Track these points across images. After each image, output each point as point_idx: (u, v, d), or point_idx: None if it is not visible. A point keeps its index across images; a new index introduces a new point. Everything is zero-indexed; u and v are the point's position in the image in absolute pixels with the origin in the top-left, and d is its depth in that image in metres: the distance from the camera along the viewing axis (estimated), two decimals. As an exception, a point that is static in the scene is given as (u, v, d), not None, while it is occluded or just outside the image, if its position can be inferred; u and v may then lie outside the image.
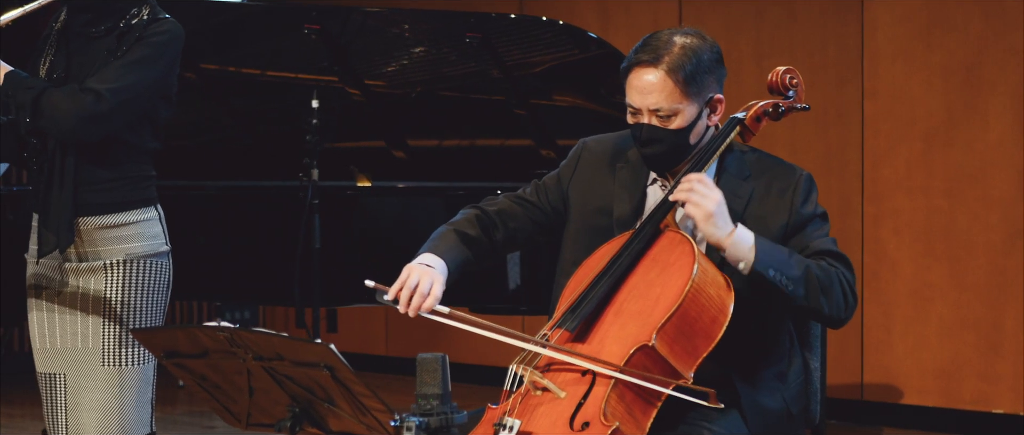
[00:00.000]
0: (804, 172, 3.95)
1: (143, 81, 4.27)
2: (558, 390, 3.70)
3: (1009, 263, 7.45)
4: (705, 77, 3.87)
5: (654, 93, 3.84)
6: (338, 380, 3.25)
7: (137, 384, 4.41)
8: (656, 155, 3.90)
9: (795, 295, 3.74)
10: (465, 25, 6.21)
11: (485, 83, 6.52)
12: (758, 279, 3.73)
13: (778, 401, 3.93)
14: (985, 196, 7.52)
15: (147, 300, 4.40)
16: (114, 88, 4.21)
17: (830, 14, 7.95)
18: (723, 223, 3.76)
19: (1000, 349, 7.50)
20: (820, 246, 3.86)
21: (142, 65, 4.26)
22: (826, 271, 3.78)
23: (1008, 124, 7.44)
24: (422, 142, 6.76)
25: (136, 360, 4.40)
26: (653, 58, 3.85)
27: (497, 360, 4.27)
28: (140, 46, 4.27)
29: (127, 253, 4.38)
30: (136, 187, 4.40)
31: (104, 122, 4.24)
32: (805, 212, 3.89)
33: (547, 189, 4.14)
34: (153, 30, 4.29)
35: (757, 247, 3.73)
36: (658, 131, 3.87)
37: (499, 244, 4.11)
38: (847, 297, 3.79)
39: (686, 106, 3.85)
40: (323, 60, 6.38)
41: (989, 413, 7.56)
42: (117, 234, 4.37)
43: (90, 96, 4.20)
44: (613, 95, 6.51)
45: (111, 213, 4.37)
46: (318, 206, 5.87)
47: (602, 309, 3.81)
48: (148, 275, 4.41)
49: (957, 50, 7.57)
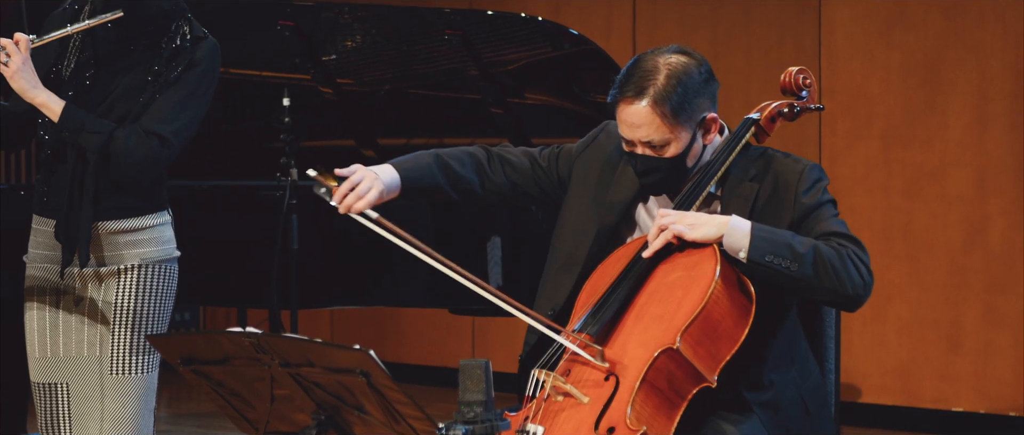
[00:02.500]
0: (809, 163, 3.86)
1: (199, 116, 4.23)
2: (581, 395, 3.62)
3: (968, 262, 7.46)
4: (694, 101, 3.75)
5: (643, 127, 3.74)
6: (374, 387, 3.15)
7: (144, 393, 4.30)
8: (655, 183, 3.84)
9: (803, 276, 3.64)
10: (444, 22, 6.13)
11: (461, 81, 6.44)
12: (758, 270, 3.66)
13: (796, 402, 3.87)
14: (944, 195, 7.53)
15: (157, 306, 4.30)
16: (177, 130, 4.16)
17: (787, 12, 7.93)
18: (706, 221, 3.70)
19: (960, 347, 7.51)
20: (826, 228, 3.76)
21: (196, 99, 4.20)
22: (836, 250, 3.68)
23: (967, 122, 7.45)
24: (394, 141, 6.67)
25: (143, 368, 4.29)
26: (637, 92, 3.73)
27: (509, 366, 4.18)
28: (191, 76, 4.18)
29: (142, 258, 4.27)
30: (151, 191, 4.30)
31: (165, 164, 4.21)
32: (809, 201, 3.80)
33: (560, 159, 4.05)
34: (199, 56, 4.20)
35: (753, 234, 3.66)
36: (653, 161, 3.79)
37: (493, 187, 4.01)
38: (863, 275, 3.69)
39: (678, 134, 3.75)
40: (295, 57, 6.27)
41: (948, 411, 7.57)
42: (133, 239, 4.26)
43: (156, 141, 4.13)
44: (588, 93, 6.44)
45: (128, 217, 4.27)
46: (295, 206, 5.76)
47: (623, 313, 3.74)
48: (160, 280, 4.30)
49: (916, 48, 7.57)
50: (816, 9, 7.84)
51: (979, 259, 7.45)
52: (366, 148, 6.59)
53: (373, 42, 6.41)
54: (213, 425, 8.17)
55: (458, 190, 3.98)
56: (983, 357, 7.47)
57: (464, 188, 3.99)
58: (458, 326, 9.14)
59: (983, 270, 7.44)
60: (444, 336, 9.19)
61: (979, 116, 7.42)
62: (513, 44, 6.31)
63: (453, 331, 9.17)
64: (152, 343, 3.54)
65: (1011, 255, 7.36)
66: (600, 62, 6.25)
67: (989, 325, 7.44)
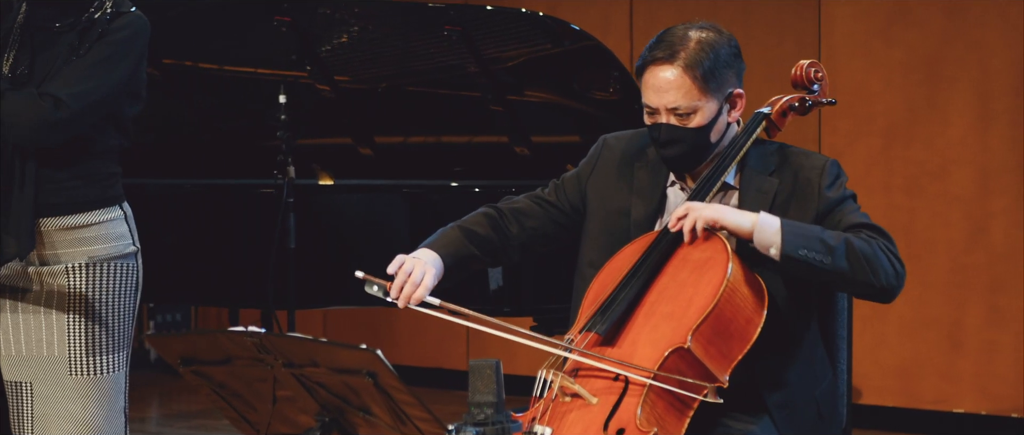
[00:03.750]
0: (828, 158, 3.82)
1: (106, 83, 4.04)
2: (589, 396, 3.55)
3: (970, 261, 7.40)
4: (724, 72, 3.74)
5: (672, 91, 3.69)
6: (380, 388, 3.07)
7: (108, 393, 4.18)
8: (676, 156, 3.76)
9: (837, 269, 3.58)
10: (443, 18, 6.05)
11: (460, 78, 6.38)
12: (792, 265, 3.59)
13: (810, 403, 3.81)
14: (946, 193, 7.47)
15: (114, 304, 4.17)
16: (75, 93, 3.98)
17: (787, 9, 7.87)
18: (740, 214, 3.64)
19: (961, 348, 7.45)
20: (853, 220, 3.71)
21: (105, 65, 4.03)
22: (868, 241, 3.63)
23: (969, 121, 7.39)
24: (392, 139, 6.59)
25: (106, 368, 4.17)
26: (669, 54, 3.70)
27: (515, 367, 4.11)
28: (103, 45, 4.04)
29: (90, 255, 4.14)
30: (98, 186, 4.15)
31: (65, 128, 4.01)
32: (832, 196, 3.75)
33: (566, 188, 3.98)
34: (116, 26, 4.05)
35: (784, 229, 3.60)
36: (677, 131, 3.72)
37: (516, 242, 3.95)
38: (896, 266, 3.64)
39: (705, 103, 3.71)
40: (292, 54, 6.20)
41: (950, 413, 7.51)
42: (79, 236, 4.13)
43: (49, 102, 3.97)
44: (588, 90, 6.37)
45: (72, 214, 4.12)
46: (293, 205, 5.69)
47: (631, 311, 3.66)
48: (113, 278, 4.17)
49: (917, 46, 7.50)
50: (816, 7, 7.78)
51: (981, 258, 7.38)
52: (363, 146, 6.52)
53: (370, 38, 6.34)
54: (205, 425, 8.12)
55: (488, 253, 3.94)
56: (985, 357, 7.40)
57: (492, 250, 3.94)
58: (452, 327, 9.01)
59: (985, 269, 7.38)
60: (438, 337, 9.12)
61: (981, 114, 7.35)
62: (513, 40, 6.24)
63: (447, 332, 9.10)
64: (151, 344, 3.46)
65: (1013, 254, 7.30)
66: (601, 58, 6.17)
67: (991, 325, 7.37)
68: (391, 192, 6.05)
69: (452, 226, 3.95)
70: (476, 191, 5.97)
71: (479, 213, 3.97)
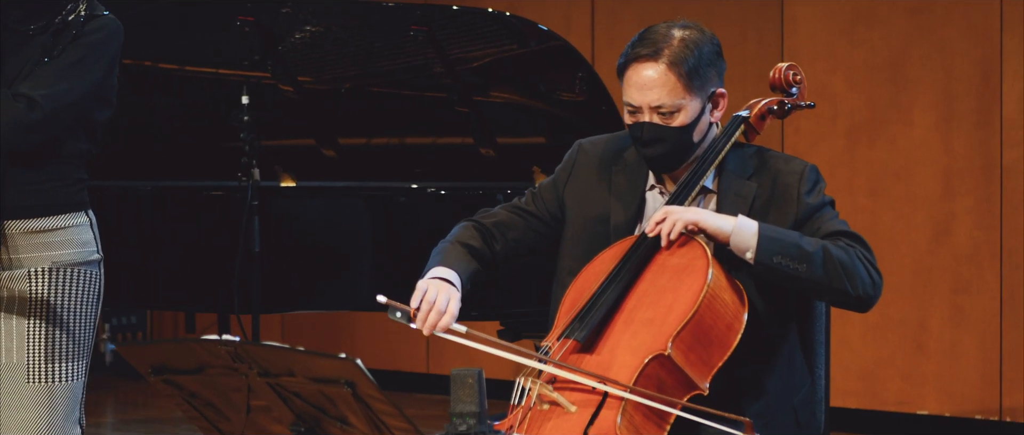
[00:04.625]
0: (808, 163, 3.79)
1: (80, 86, 3.98)
2: (568, 405, 3.49)
3: (934, 262, 7.38)
4: (707, 70, 3.69)
5: (655, 89, 3.64)
6: (359, 397, 3.02)
7: (66, 403, 4.09)
8: (659, 156, 3.70)
9: (813, 276, 3.55)
10: (410, 18, 5.99)
11: (425, 78, 6.31)
12: (767, 271, 3.55)
13: (788, 411, 3.77)
14: (909, 194, 7.45)
15: (76, 312, 4.08)
16: (48, 94, 3.92)
17: (750, 9, 7.83)
18: (717, 218, 3.60)
19: (925, 349, 7.43)
20: (831, 228, 3.69)
21: (78, 68, 3.98)
22: (845, 249, 3.60)
23: (933, 121, 7.37)
24: (356, 140, 6.52)
25: (65, 376, 4.08)
26: (653, 52, 3.65)
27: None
28: (76, 47, 3.98)
29: (54, 261, 4.05)
30: (66, 190, 4.08)
31: (38, 130, 3.95)
32: (812, 201, 3.72)
33: (543, 196, 3.91)
34: (90, 28, 4.00)
35: (760, 234, 3.56)
36: (660, 130, 3.67)
37: (500, 256, 3.87)
38: (872, 275, 3.62)
39: (689, 101, 3.66)
40: (255, 54, 6.12)
41: (913, 414, 7.49)
42: (44, 240, 4.05)
43: (23, 103, 3.91)
44: (555, 92, 6.31)
45: (38, 217, 4.04)
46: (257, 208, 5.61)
47: (610, 317, 3.60)
48: (77, 285, 4.08)
49: (881, 46, 7.48)
50: (779, 6, 7.74)
51: (945, 259, 7.37)
52: (327, 147, 6.44)
53: (334, 38, 6.27)
54: (162, 431, 8.02)
55: (486, 267, 3.86)
56: (949, 359, 7.39)
57: (487, 263, 3.86)
58: (412, 330, 8.97)
59: (949, 270, 7.36)
60: (398, 340, 9.05)
61: (945, 114, 7.34)
62: (480, 40, 6.18)
63: (408, 335, 8.95)
64: (121, 352, 3.37)
65: (977, 255, 7.28)
66: (569, 59, 6.12)
67: (955, 326, 7.36)
68: (356, 194, 5.98)
69: (451, 243, 3.85)
70: (442, 193, 5.91)
71: (467, 227, 3.88)
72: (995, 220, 7.25)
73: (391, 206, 5.88)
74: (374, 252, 5.84)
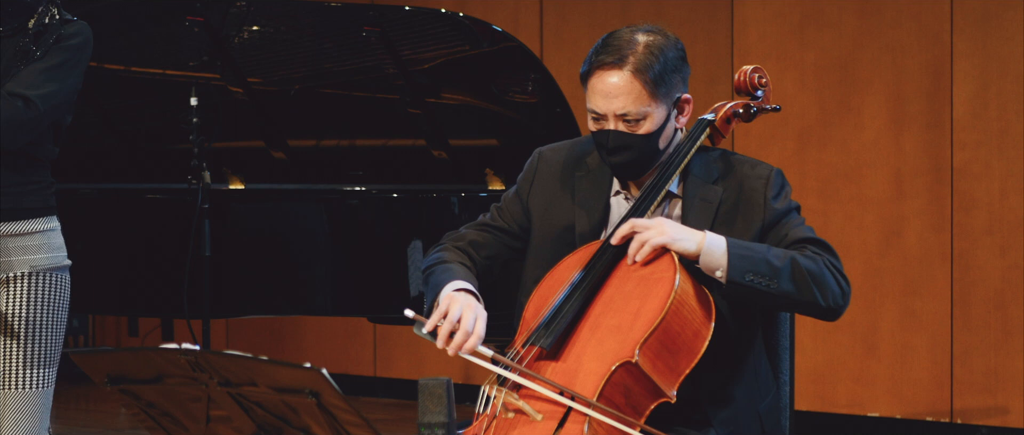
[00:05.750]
0: (773, 168, 3.74)
1: (65, 88, 4.02)
2: (534, 413, 3.43)
3: (884, 264, 7.37)
4: (672, 76, 3.62)
5: (620, 97, 3.57)
6: (324, 407, 2.94)
7: (38, 410, 4.05)
8: (625, 163, 3.64)
9: (783, 292, 3.51)
10: (363, 18, 5.92)
11: (377, 80, 6.24)
12: (738, 289, 3.50)
13: (754, 419, 3.73)
14: (860, 196, 7.43)
15: (50, 318, 4.05)
16: (43, 94, 3.95)
17: (699, 11, 7.80)
18: (687, 234, 3.54)
19: (875, 351, 7.42)
20: (798, 235, 3.64)
21: (62, 71, 4.01)
22: (813, 259, 3.56)
23: (883, 123, 7.36)
24: (305, 142, 6.44)
25: (37, 383, 4.03)
26: (617, 59, 3.57)
27: (411, 372, 3.98)
28: (59, 51, 4.01)
29: (31, 265, 4.02)
30: (40, 194, 4.08)
31: (31, 129, 3.98)
32: (779, 207, 3.68)
33: (509, 209, 3.84)
34: (68, 33, 4.04)
35: (730, 252, 3.50)
36: (626, 137, 3.60)
37: (482, 271, 3.79)
38: (841, 284, 3.58)
39: (655, 109, 3.60)
40: (204, 55, 6.04)
41: (864, 416, 7.47)
42: (21, 244, 4.01)
43: (19, 102, 3.93)
44: (506, 93, 6.26)
45: (16, 220, 4.02)
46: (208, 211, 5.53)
47: (576, 324, 3.54)
48: (52, 290, 4.05)
49: (831, 47, 7.46)
50: (728, 7, 7.71)
51: (895, 261, 7.35)
52: (276, 149, 6.36)
53: (285, 39, 6.20)
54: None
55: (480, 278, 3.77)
56: (899, 361, 7.37)
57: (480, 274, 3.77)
58: (359, 333, 8.92)
59: (899, 272, 7.35)
60: (345, 343, 8.96)
61: (895, 116, 7.32)
62: (433, 41, 6.12)
63: (354, 338, 8.95)
64: (76, 360, 3.28)
65: (928, 257, 7.27)
66: (523, 60, 6.06)
67: (905, 328, 7.35)
68: (307, 197, 5.91)
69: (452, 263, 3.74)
70: (395, 196, 5.84)
71: (447, 250, 3.79)
72: (946, 222, 7.24)
73: (343, 209, 5.81)
74: (325, 256, 5.76)
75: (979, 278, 7.18)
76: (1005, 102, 7.08)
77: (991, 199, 7.14)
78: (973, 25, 7.13)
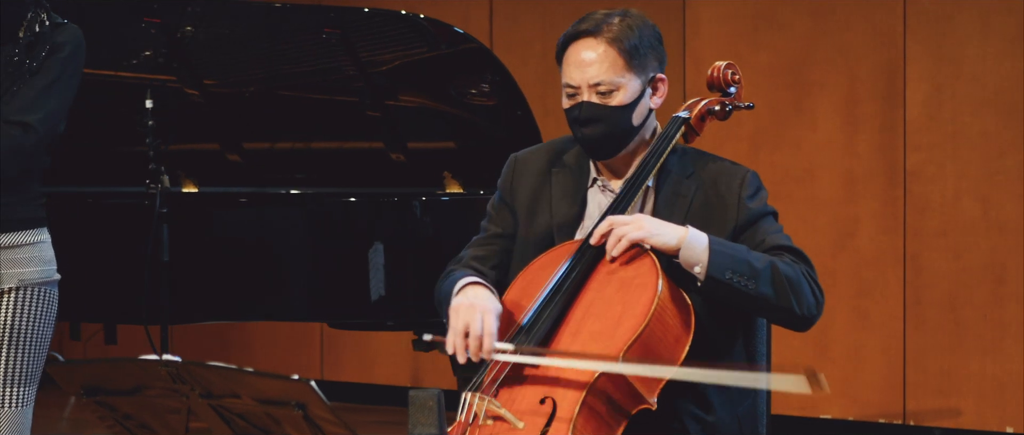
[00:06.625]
0: (750, 170, 3.72)
1: (64, 104, 3.95)
2: (515, 420, 3.39)
3: (837, 266, 7.37)
4: (647, 52, 3.63)
5: (594, 65, 3.57)
6: (310, 419, 2.88)
7: (18, 429, 3.95)
8: (597, 136, 3.61)
9: (761, 294, 3.48)
10: (323, 20, 5.86)
11: (336, 82, 6.18)
12: (716, 286, 3.46)
13: (732, 423, 3.70)
14: (813, 198, 7.43)
15: (35, 334, 3.95)
16: (42, 117, 3.87)
17: (651, 11, 7.64)
18: (666, 230, 3.50)
19: (828, 353, 7.42)
20: (776, 241, 3.62)
21: (60, 85, 3.92)
22: (792, 267, 3.54)
23: (836, 125, 7.36)
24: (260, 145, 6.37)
25: (18, 401, 3.93)
26: (594, 28, 3.59)
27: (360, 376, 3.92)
28: (53, 63, 3.91)
29: (20, 279, 3.93)
30: (32, 205, 3.98)
31: (30, 155, 3.90)
32: (754, 208, 3.65)
33: (499, 216, 3.80)
34: (61, 40, 3.93)
35: (712, 248, 3.47)
36: (598, 108, 3.58)
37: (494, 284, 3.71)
38: (816, 293, 3.58)
39: (629, 80, 3.59)
40: (159, 57, 5.95)
41: (816, 418, 7.47)
42: (11, 257, 3.91)
43: (18, 130, 3.85)
44: (465, 95, 6.21)
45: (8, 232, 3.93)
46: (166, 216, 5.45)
47: (556, 328, 3.50)
48: (40, 305, 3.96)
49: (784, 49, 7.45)
50: (680, 9, 7.69)
51: (848, 263, 7.36)
52: (231, 152, 6.28)
53: (244, 41, 6.12)
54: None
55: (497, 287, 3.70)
56: (852, 363, 7.38)
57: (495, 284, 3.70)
58: (307, 337, 8.84)
59: (852, 274, 7.35)
60: (292, 347, 8.88)
61: (848, 118, 7.33)
62: (393, 43, 6.06)
63: (301, 342, 8.87)
64: (51, 373, 3.21)
65: (880, 259, 7.28)
66: (483, 61, 6.01)
67: (858, 330, 7.35)
68: (263, 200, 5.85)
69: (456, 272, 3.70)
70: (352, 200, 5.78)
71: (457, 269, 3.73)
72: (899, 223, 7.25)
73: (301, 213, 5.75)
74: (283, 261, 5.69)
75: (932, 280, 7.19)
76: (958, 104, 7.09)
77: (944, 201, 7.15)
78: (926, 27, 7.14)
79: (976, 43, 7.05)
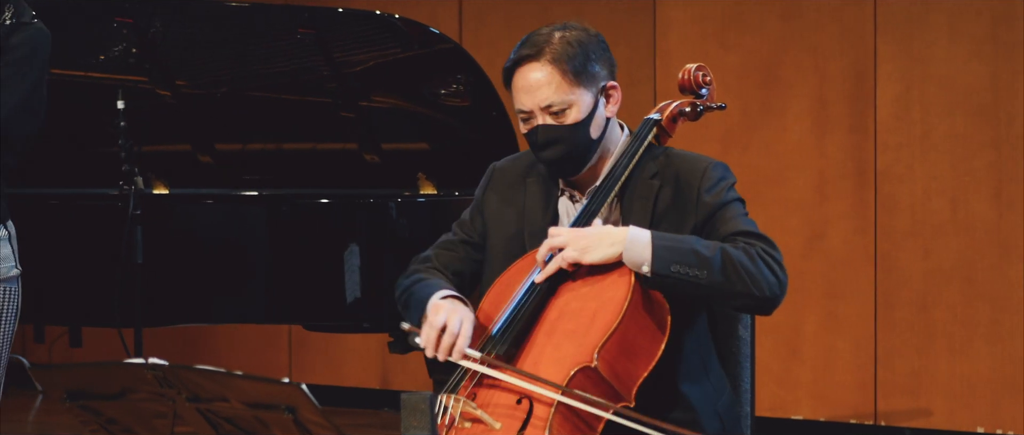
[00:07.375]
0: (711, 161, 3.70)
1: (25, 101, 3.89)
2: (492, 421, 3.38)
3: (808, 267, 7.37)
4: (593, 64, 3.61)
5: (542, 88, 3.55)
6: (300, 423, 2.85)
7: None
8: (558, 158, 3.60)
9: (712, 282, 3.43)
10: (297, 20, 5.83)
11: (310, 83, 6.15)
12: (666, 281, 3.44)
13: (713, 418, 3.71)
14: (784, 199, 7.43)
15: None
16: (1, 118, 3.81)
17: (620, 12, 7.76)
18: (603, 241, 3.49)
19: (799, 354, 7.42)
20: (733, 227, 3.58)
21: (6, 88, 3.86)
22: (744, 250, 3.49)
23: (807, 126, 7.36)
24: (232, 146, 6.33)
25: None
26: (535, 52, 3.57)
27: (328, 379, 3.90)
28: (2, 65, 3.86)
29: None
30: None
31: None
32: (712, 200, 3.61)
33: (471, 223, 3.80)
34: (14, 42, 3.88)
35: (654, 244, 3.44)
36: (554, 130, 3.57)
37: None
38: (777, 273, 3.50)
39: (579, 96, 3.57)
40: (130, 57, 5.90)
41: (787, 419, 7.47)
42: None
43: None
44: (438, 96, 6.18)
45: None
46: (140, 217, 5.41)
47: (530, 330, 3.50)
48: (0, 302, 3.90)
49: (754, 50, 7.46)
50: (651, 9, 7.69)
51: (819, 264, 7.36)
52: (203, 153, 6.24)
53: (217, 41, 6.08)
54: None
55: None
56: (822, 364, 7.38)
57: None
58: (274, 338, 8.79)
59: (823, 275, 7.36)
60: (259, 348, 8.83)
61: (818, 119, 7.33)
62: (367, 43, 6.03)
63: (269, 343, 8.82)
64: (33, 376, 3.16)
65: (851, 260, 7.29)
66: (458, 61, 5.99)
67: (828, 331, 7.36)
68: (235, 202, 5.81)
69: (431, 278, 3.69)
70: (325, 201, 5.75)
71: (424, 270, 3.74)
72: (869, 224, 7.26)
73: (273, 214, 5.71)
74: (257, 263, 5.66)
75: (902, 280, 7.21)
76: (928, 105, 7.11)
77: (914, 201, 7.17)
78: (896, 28, 7.16)
79: (946, 44, 7.07)
